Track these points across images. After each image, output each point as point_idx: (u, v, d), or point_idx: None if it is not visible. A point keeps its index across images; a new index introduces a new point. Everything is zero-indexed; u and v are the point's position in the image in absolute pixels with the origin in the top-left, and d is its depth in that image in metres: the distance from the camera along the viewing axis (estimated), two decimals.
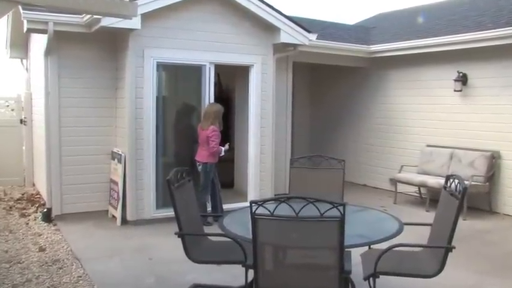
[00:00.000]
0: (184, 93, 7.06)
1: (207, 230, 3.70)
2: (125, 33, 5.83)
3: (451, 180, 3.19)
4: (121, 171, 5.99)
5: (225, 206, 6.19)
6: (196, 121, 6.45)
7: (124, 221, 6.01)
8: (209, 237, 3.61)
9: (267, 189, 6.92)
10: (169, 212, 4.12)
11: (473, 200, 6.82)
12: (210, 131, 5.74)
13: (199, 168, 5.93)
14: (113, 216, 6.23)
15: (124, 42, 5.96)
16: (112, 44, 6.26)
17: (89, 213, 6.24)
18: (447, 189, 3.22)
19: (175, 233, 3.20)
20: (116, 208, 6.11)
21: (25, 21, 5.65)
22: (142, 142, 5.97)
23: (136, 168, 5.96)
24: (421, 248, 3.39)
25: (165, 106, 6.32)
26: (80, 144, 6.20)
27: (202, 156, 5.88)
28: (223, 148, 5.83)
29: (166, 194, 3.26)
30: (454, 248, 2.92)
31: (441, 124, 7.70)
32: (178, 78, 7.05)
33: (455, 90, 7.32)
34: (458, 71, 7.27)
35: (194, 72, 6.43)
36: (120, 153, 6.08)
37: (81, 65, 6.13)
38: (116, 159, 6.21)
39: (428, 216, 6.04)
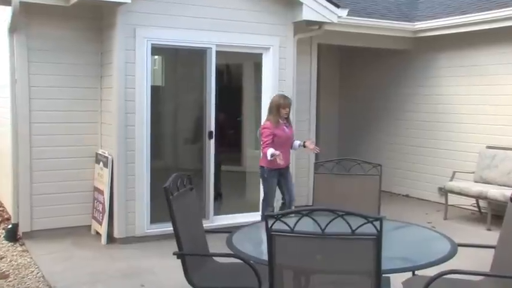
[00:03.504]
0: (186, 82, 7.09)
1: (213, 249, 3.73)
2: (112, 8, 5.88)
3: None
4: (107, 178, 6.04)
5: (235, 220, 6.22)
6: (202, 116, 6.46)
7: (110, 238, 6.06)
8: (215, 258, 3.63)
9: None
10: (167, 228, 4.15)
11: None
12: (261, 128, 5.84)
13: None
14: (97, 233, 6.29)
15: (111, 19, 6.03)
16: (96, 22, 6.32)
17: (67, 229, 6.30)
18: None
19: (174, 253, 3.22)
20: (100, 223, 6.17)
21: None
22: (134, 142, 6.02)
23: (127, 173, 6.01)
24: (482, 277, 3.36)
25: (162, 98, 6.36)
26: (56, 144, 6.26)
27: (261, 158, 5.90)
28: (268, 151, 5.56)
29: (163, 206, 3.28)
30: None
31: (507, 120, 7.60)
32: (178, 65, 7.09)
33: None
34: None
35: (197, 56, 6.46)
36: (106, 155, 6.14)
37: (57, 47, 6.19)
38: (101, 163, 6.27)
39: (490, 236, 5.99)
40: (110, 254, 5.70)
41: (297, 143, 6.00)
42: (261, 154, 5.80)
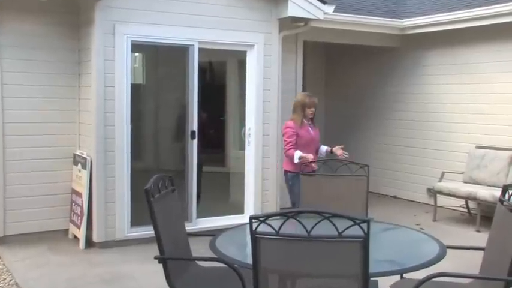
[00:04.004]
0: (168, 80, 7.08)
1: (196, 252, 3.72)
2: (90, 3, 5.85)
3: (511, 191, 3.20)
4: (86, 180, 6.01)
5: (219, 223, 6.23)
6: (185, 115, 6.46)
7: (89, 243, 6.03)
8: (198, 263, 3.62)
9: (271, 201, 6.97)
10: (148, 231, 4.14)
11: None
12: (283, 128, 5.72)
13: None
14: (75, 237, 6.25)
15: (89, 15, 5.99)
16: (73, 18, 6.28)
17: (43, 233, 6.25)
18: (505, 203, 3.22)
19: (155, 258, 3.21)
20: (78, 227, 6.13)
21: None
22: (114, 142, 6.00)
23: (106, 175, 5.99)
24: (471, 280, 3.39)
25: (142, 97, 6.35)
26: (31, 145, 6.21)
27: (285, 162, 5.75)
28: (296, 153, 5.40)
29: (144, 208, 3.27)
30: None
31: (497, 119, 7.69)
32: (160, 62, 7.08)
33: None
34: None
35: (179, 54, 6.45)
36: (84, 156, 6.11)
37: (31, 44, 6.13)
38: (79, 164, 6.23)
39: (480, 238, 6.06)
40: (88, 259, 5.66)
41: (323, 148, 5.83)
42: (284, 157, 5.61)
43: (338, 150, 5.70)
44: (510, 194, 3.20)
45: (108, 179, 5.99)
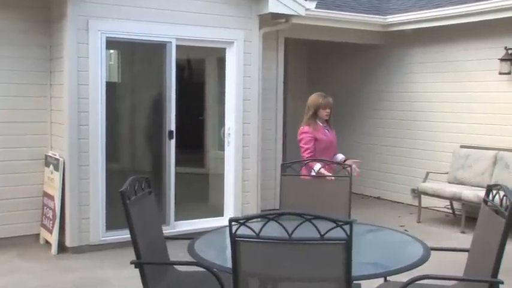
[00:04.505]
0: (144, 78, 7.05)
1: (174, 257, 3.71)
2: None
3: (495, 191, 3.23)
4: (58, 182, 5.96)
5: (197, 226, 6.22)
6: (162, 114, 6.44)
7: (62, 248, 5.98)
8: (176, 267, 3.61)
9: (251, 203, 6.98)
10: (124, 235, 4.13)
11: None
12: (299, 133, 5.40)
13: None
14: (47, 242, 6.19)
15: (60, 10, 5.93)
16: (44, 12, 6.22)
17: (12, 239, 6.18)
18: (489, 203, 3.27)
19: (132, 262, 3.20)
20: (50, 231, 6.07)
21: None
22: (88, 143, 5.96)
23: (80, 177, 5.94)
24: (455, 282, 3.44)
25: (118, 95, 6.32)
26: None
27: (303, 169, 5.15)
28: (316, 166, 5.01)
29: (119, 211, 3.26)
30: (502, 283, 2.94)
31: (481, 118, 7.82)
32: (136, 60, 7.04)
33: (501, 73, 7.42)
34: (506, 48, 7.37)
35: (156, 51, 6.43)
36: (57, 157, 6.06)
37: None
38: (51, 166, 6.18)
39: (465, 239, 6.13)
40: (60, 265, 5.61)
41: (339, 156, 5.47)
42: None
43: (349, 161, 5.19)
44: (494, 194, 3.24)
45: (82, 181, 5.95)
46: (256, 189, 7.07)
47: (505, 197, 3.03)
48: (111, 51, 7.10)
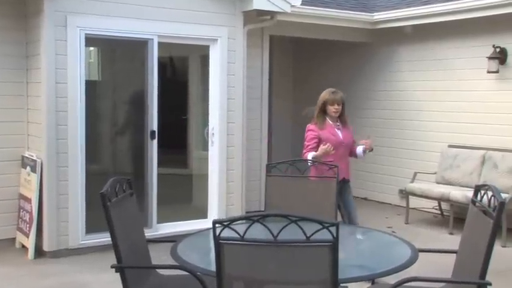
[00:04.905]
0: (126, 76, 7.03)
1: (156, 260, 3.70)
2: None
3: (483, 192, 3.26)
4: (36, 184, 5.92)
5: (180, 228, 6.22)
6: (144, 114, 6.41)
7: (39, 252, 5.93)
8: (158, 271, 3.61)
9: (236, 204, 6.99)
10: (104, 238, 4.11)
11: None
12: (306, 130, 5.31)
13: None
14: (23, 247, 6.14)
15: (37, 5, 5.88)
16: (19, 7, 6.16)
17: None
18: (477, 204, 3.30)
19: (112, 266, 3.18)
20: (27, 235, 6.02)
21: None
22: (66, 143, 5.92)
23: (58, 178, 5.90)
24: (444, 284, 3.47)
25: (98, 94, 6.29)
26: None
27: None
28: (309, 155, 5.04)
29: (100, 214, 3.24)
30: (490, 284, 2.97)
31: (470, 117, 7.88)
32: (117, 57, 7.02)
33: (489, 72, 7.48)
34: (494, 46, 7.44)
35: (138, 48, 6.41)
36: (34, 158, 6.01)
37: None
38: (28, 167, 6.13)
39: (453, 240, 6.18)
40: (38, 270, 5.57)
41: (360, 149, 5.35)
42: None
43: (362, 140, 5.30)
44: (482, 194, 3.27)
45: (61, 182, 5.91)
46: (241, 190, 7.07)
47: (493, 198, 3.05)
48: (91, 48, 7.06)
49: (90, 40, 6.11)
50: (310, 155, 5.01)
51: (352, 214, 5.33)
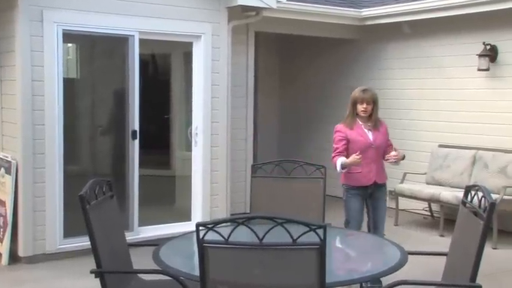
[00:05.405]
0: (106, 74, 7.00)
1: (138, 265, 3.69)
2: None
3: (473, 192, 3.29)
4: (10, 186, 5.87)
5: (163, 231, 6.21)
6: (124, 113, 6.39)
7: (14, 258, 5.88)
8: (140, 276, 3.60)
9: (220, 206, 6.98)
10: (84, 242, 4.08)
11: (507, 221, 7.08)
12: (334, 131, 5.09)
13: None
14: None
15: None
16: None
17: None
18: (468, 205, 3.33)
19: (92, 271, 3.17)
20: (1, 240, 5.98)
21: None
22: (43, 144, 5.88)
23: (34, 180, 5.86)
24: (433, 287, 3.50)
25: (77, 93, 6.26)
26: None
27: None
28: (338, 161, 4.79)
29: (78, 217, 3.23)
30: (480, 287, 2.99)
31: (460, 116, 7.94)
32: (96, 54, 6.98)
33: (479, 70, 7.54)
34: (484, 43, 7.50)
35: (118, 45, 6.38)
36: (9, 159, 5.97)
37: None
38: (2, 169, 6.10)
39: (443, 243, 6.24)
40: (12, 276, 5.53)
41: (389, 160, 5.11)
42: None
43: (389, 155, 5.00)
44: (473, 195, 3.29)
45: (37, 184, 5.87)
46: (226, 191, 7.07)
47: (483, 198, 3.09)
48: (69, 44, 7.02)
49: (68, 36, 6.07)
50: (339, 162, 4.76)
51: (378, 224, 5.06)
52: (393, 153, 4.95)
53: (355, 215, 4.91)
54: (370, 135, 4.95)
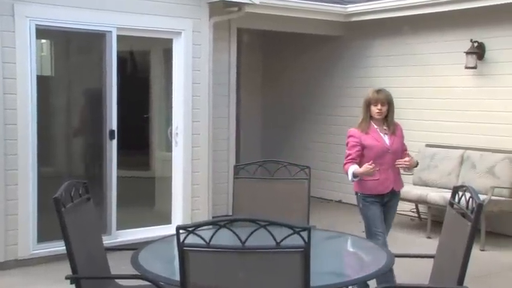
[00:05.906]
0: (82, 72, 6.96)
1: (115, 270, 3.67)
2: None
3: (461, 193, 3.31)
4: None
5: (142, 235, 6.20)
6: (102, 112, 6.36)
7: None
8: (118, 281, 3.58)
9: (202, 209, 6.98)
10: (59, 247, 4.05)
11: (495, 222, 7.14)
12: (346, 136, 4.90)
13: None
14: None
15: None
16: None
17: None
18: (455, 206, 3.35)
19: (67, 277, 3.15)
20: None
21: None
22: (16, 144, 5.83)
23: (6, 183, 5.81)
24: None
25: (51, 91, 6.21)
26: None
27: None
28: (349, 169, 4.64)
29: (53, 220, 3.20)
30: None
31: (447, 115, 8.00)
32: (72, 51, 6.93)
33: (467, 67, 7.59)
34: (472, 40, 7.55)
35: (95, 41, 6.35)
36: None
37: None
38: None
39: (431, 245, 6.25)
40: None
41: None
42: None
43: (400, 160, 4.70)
44: (460, 196, 3.32)
45: (9, 187, 5.82)
46: (207, 193, 7.07)
47: (471, 199, 3.11)
48: (43, 41, 6.97)
49: (41, 32, 6.02)
50: (350, 170, 4.60)
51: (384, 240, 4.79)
52: (406, 158, 4.70)
53: (378, 224, 4.70)
54: (386, 140, 4.72)
